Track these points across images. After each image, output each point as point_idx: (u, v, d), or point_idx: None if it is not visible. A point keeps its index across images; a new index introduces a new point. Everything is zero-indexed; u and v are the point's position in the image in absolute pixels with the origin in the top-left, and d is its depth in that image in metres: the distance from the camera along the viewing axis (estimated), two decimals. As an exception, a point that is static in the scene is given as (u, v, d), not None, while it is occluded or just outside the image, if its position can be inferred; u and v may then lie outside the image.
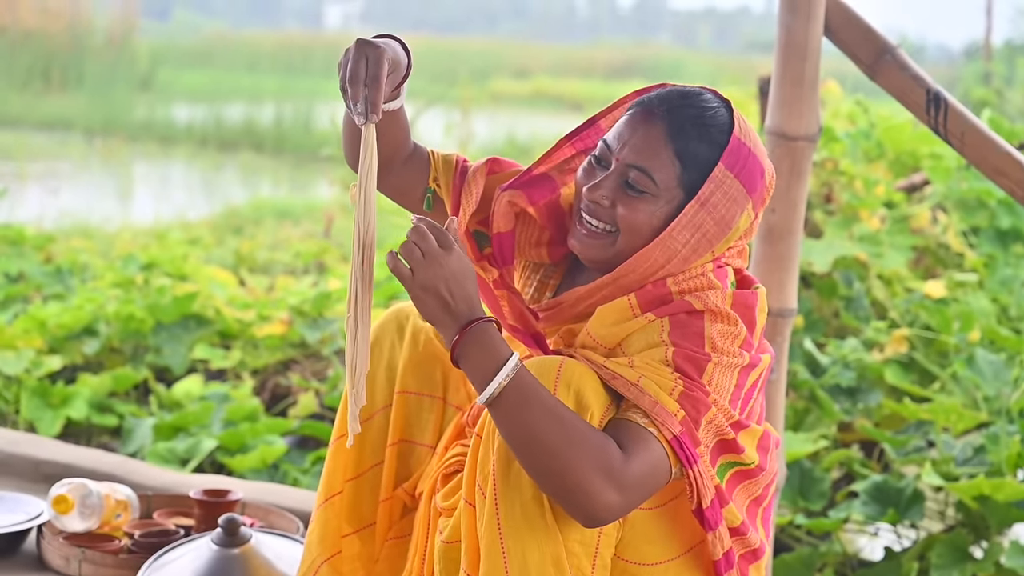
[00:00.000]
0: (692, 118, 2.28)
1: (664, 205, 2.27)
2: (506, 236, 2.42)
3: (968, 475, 4.05)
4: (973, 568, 3.79)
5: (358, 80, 2.15)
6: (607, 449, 2.11)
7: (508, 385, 2.12)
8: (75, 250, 7.66)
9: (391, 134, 2.39)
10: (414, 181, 2.48)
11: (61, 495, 3.25)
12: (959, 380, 4.69)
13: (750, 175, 2.29)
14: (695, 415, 2.16)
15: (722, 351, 2.21)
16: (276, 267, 7.98)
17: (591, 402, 2.15)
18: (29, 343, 5.49)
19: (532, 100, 21.52)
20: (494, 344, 2.15)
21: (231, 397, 5.05)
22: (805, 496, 4.18)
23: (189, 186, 13.59)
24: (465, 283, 2.17)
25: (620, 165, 2.28)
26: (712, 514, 2.21)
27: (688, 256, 2.27)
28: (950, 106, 3.12)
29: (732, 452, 2.26)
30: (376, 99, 2.15)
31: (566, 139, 2.44)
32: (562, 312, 2.36)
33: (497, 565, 2.15)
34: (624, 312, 2.26)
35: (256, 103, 17.48)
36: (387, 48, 2.18)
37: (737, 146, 2.28)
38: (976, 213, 5.73)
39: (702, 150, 2.27)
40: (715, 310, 2.23)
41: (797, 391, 4.67)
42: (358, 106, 2.15)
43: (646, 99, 2.33)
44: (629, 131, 2.30)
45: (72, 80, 18.75)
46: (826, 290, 5.22)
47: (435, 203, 2.48)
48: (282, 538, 3.13)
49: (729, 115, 2.31)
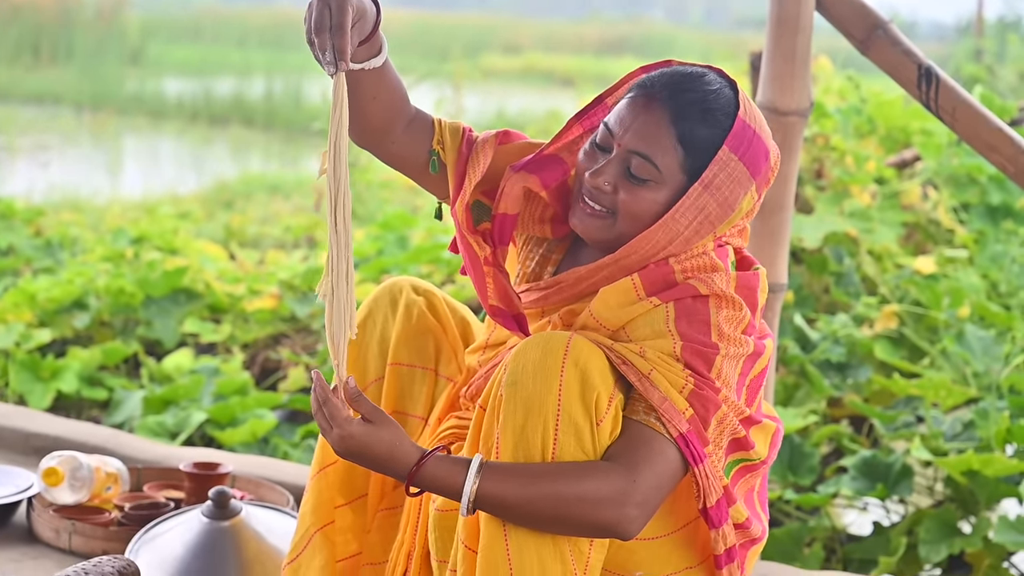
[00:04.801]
0: (695, 102, 2.25)
1: (666, 191, 2.26)
2: (510, 219, 2.40)
3: (957, 450, 4.06)
4: (961, 543, 3.80)
5: (323, 28, 2.11)
6: (608, 479, 2.12)
7: (479, 489, 2.14)
8: (65, 224, 7.65)
9: (384, 95, 2.35)
10: (418, 146, 2.43)
11: (51, 468, 3.25)
12: (949, 356, 4.70)
13: (754, 157, 2.27)
14: (704, 414, 2.17)
15: (729, 340, 2.21)
16: (266, 241, 7.97)
17: (596, 383, 2.15)
18: (19, 316, 5.49)
19: (523, 75, 21.45)
20: (444, 468, 2.17)
21: (221, 371, 5.05)
22: (794, 471, 4.19)
23: (179, 160, 13.56)
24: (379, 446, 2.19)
25: (622, 151, 2.27)
26: (717, 513, 2.22)
27: (690, 237, 2.26)
28: (942, 81, 3.12)
29: (742, 449, 2.27)
30: (343, 46, 2.11)
31: (575, 119, 2.42)
32: (562, 291, 2.35)
33: (497, 535, 2.16)
34: (628, 294, 2.26)
35: (246, 78, 17.42)
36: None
37: (742, 128, 2.26)
38: (967, 189, 5.73)
39: (705, 134, 2.25)
40: (720, 294, 2.23)
41: (787, 366, 4.68)
42: (326, 55, 2.12)
43: (648, 82, 2.30)
44: (631, 116, 2.27)
45: (62, 54, 18.68)
46: (816, 266, 5.22)
47: (440, 167, 2.43)
48: (272, 511, 3.14)
49: (734, 96, 2.29)
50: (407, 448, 2.20)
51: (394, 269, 5.82)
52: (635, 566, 2.27)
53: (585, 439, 2.14)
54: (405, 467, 2.19)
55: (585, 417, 2.14)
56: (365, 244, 6.28)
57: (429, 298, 2.60)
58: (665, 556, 2.28)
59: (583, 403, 2.14)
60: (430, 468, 2.18)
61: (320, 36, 2.11)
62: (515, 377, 2.16)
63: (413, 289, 2.59)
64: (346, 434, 2.19)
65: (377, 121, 2.37)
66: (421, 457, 2.18)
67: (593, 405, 2.14)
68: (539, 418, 2.14)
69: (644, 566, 2.27)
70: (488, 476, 2.14)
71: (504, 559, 2.15)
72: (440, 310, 2.60)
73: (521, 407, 2.15)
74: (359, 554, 2.56)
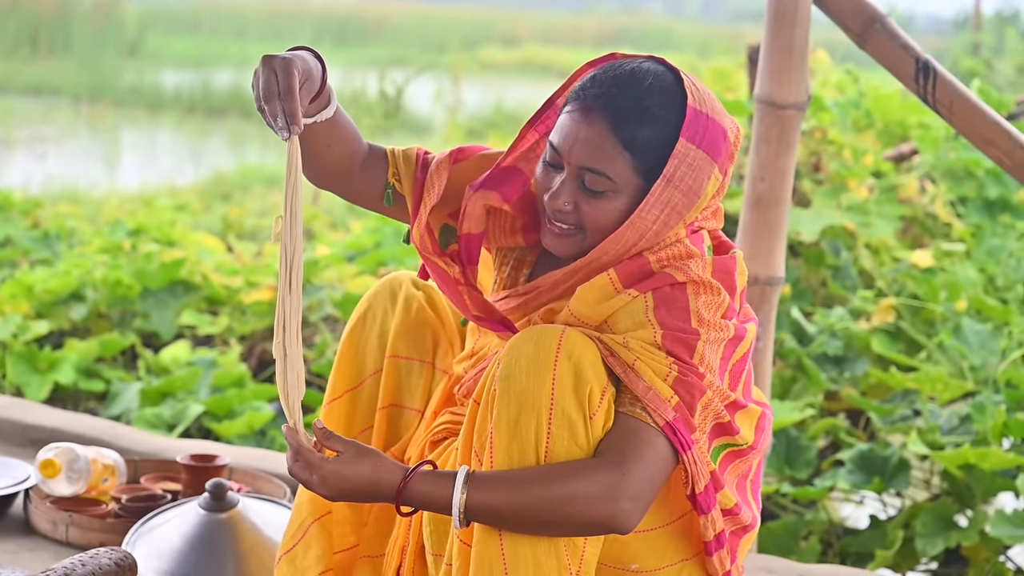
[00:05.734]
0: (631, 106, 2.23)
1: (625, 196, 2.25)
2: (475, 238, 2.40)
3: (954, 444, 4.06)
4: (958, 537, 3.81)
5: (272, 95, 2.11)
6: (597, 475, 2.12)
7: (468, 501, 2.14)
8: (62, 215, 7.64)
9: (338, 142, 2.36)
10: (375, 182, 2.44)
11: (48, 459, 3.25)
12: (945, 349, 4.70)
13: (712, 141, 2.26)
14: (690, 400, 2.16)
15: (709, 325, 2.21)
16: (263, 234, 7.96)
17: (590, 377, 2.15)
18: (16, 308, 5.48)
19: (521, 68, 21.44)
20: (430, 484, 2.18)
21: (218, 363, 5.05)
22: (791, 465, 4.19)
23: (177, 152, 13.54)
24: (361, 475, 2.20)
25: (572, 168, 2.25)
26: (705, 499, 2.22)
27: (660, 230, 2.26)
28: (939, 75, 3.12)
29: (727, 434, 2.27)
30: (294, 109, 2.12)
31: (528, 126, 2.40)
32: (540, 296, 2.35)
33: (491, 531, 2.16)
34: (605, 289, 2.26)
35: (244, 70, 17.39)
36: (295, 59, 2.16)
37: (695, 116, 2.24)
38: (964, 183, 5.74)
39: (649, 135, 2.22)
40: (697, 280, 2.23)
41: (784, 360, 4.68)
42: (278, 121, 2.13)
43: (582, 93, 2.27)
44: (572, 131, 2.25)
45: (60, 45, 18.66)
46: (814, 259, 5.22)
47: (395, 199, 2.44)
48: (269, 503, 3.14)
49: (677, 85, 2.26)
50: (390, 469, 2.20)
51: (391, 262, 5.82)
52: (630, 559, 2.27)
53: (578, 433, 2.14)
54: (391, 488, 2.19)
55: (578, 411, 2.14)
56: (363, 237, 6.28)
57: (428, 292, 2.61)
58: (661, 548, 2.28)
59: (576, 397, 2.14)
60: (416, 485, 2.18)
61: (270, 103, 2.12)
62: (508, 372, 2.16)
63: (412, 283, 2.61)
64: (326, 474, 2.20)
65: (334, 166, 2.39)
66: (405, 475, 2.19)
67: (586, 399, 2.14)
68: (532, 412, 2.14)
69: (640, 559, 2.27)
70: (476, 487, 2.14)
71: (499, 555, 2.15)
72: (439, 304, 2.61)
73: (515, 401, 2.14)
74: (356, 546, 2.56)
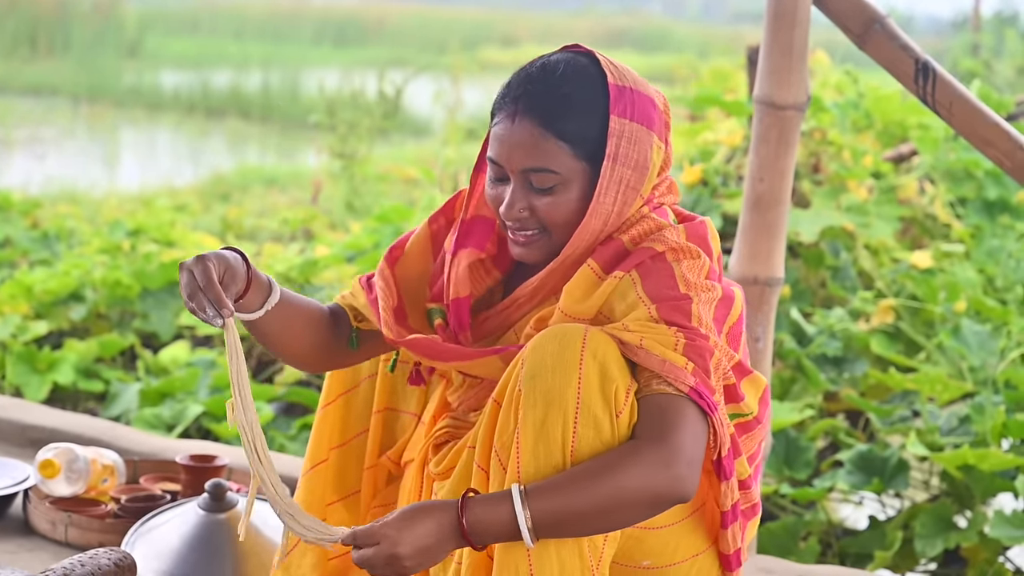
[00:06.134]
0: (553, 100, 2.26)
1: (576, 185, 2.26)
2: (463, 301, 2.40)
3: (953, 445, 4.06)
4: (957, 538, 3.81)
5: (195, 291, 2.20)
6: (643, 454, 2.10)
7: (534, 515, 2.10)
8: (62, 216, 7.64)
9: (296, 324, 2.42)
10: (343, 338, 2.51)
11: (48, 460, 3.25)
12: (945, 350, 4.70)
13: (643, 111, 2.29)
14: (703, 364, 2.16)
15: (696, 287, 2.22)
16: (263, 234, 7.96)
17: (615, 375, 2.14)
18: (15, 308, 5.48)
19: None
20: (482, 509, 2.13)
21: (217, 363, 5.05)
22: (790, 465, 4.19)
23: (176, 153, 13.55)
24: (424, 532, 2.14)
25: (516, 174, 2.27)
26: (729, 463, 2.23)
27: (621, 210, 2.28)
28: (939, 76, 3.12)
29: (732, 401, 2.28)
30: (216, 295, 2.19)
31: (474, 173, 2.43)
32: (520, 307, 2.36)
33: None
34: (590, 280, 2.26)
35: (243, 70, 17.41)
36: (209, 256, 2.23)
37: (618, 92, 2.27)
38: (963, 184, 5.74)
39: (580, 119, 2.25)
40: (675, 247, 2.24)
41: (783, 360, 4.68)
42: (208, 311, 2.21)
43: (501, 103, 2.30)
44: (506, 140, 2.27)
45: (59, 46, 18.68)
46: (813, 260, 5.23)
47: (360, 340, 2.50)
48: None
49: (594, 66, 2.29)
50: (434, 513, 2.14)
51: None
52: (643, 556, 2.27)
53: (604, 431, 2.13)
54: (453, 527, 2.13)
55: (604, 409, 2.14)
56: (362, 237, 6.28)
57: None
58: (674, 544, 2.28)
59: (603, 395, 2.14)
60: (473, 516, 2.12)
61: (195, 298, 2.21)
62: (534, 371, 2.15)
63: None
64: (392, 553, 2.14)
65: (304, 346, 2.45)
66: (457, 510, 2.13)
67: (612, 397, 2.14)
68: (559, 411, 2.13)
69: (653, 555, 2.27)
70: (536, 500, 2.11)
71: (524, 557, 2.13)
72: None
73: (541, 400, 2.14)
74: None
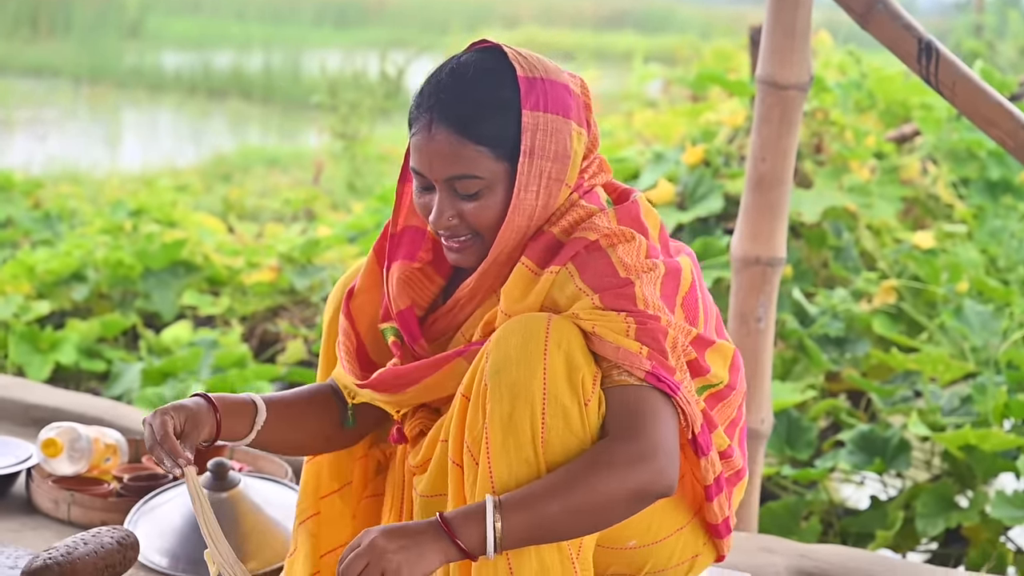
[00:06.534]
0: (463, 106, 2.22)
1: (500, 186, 2.23)
2: (407, 312, 2.38)
3: (954, 425, 4.07)
4: (958, 517, 3.81)
5: (153, 444, 2.28)
6: (617, 449, 2.09)
7: (511, 527, 2.09)
8: (64, 196, 7.64)
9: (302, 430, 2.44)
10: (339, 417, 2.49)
11: (50, 439, 3.25)
12: (947, 331, 4.70)
13: (558, 100, 2.24)
14: (659, 346, 2.15)
15: (636, 269, 2.19)
16: (265, 214, 7.97)
17: (581, 363, 2.13)
18: (18, 288, 5.49)
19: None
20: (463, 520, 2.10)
21: (220, 343, 5.06)
22: (792, 445, 4.20)
23: (178, 133, 13.54)
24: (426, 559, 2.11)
25: (440, 183, 2.24)
26: (704, 439, 2.22)
27: (547, 202, 2.25)
28: (941, 56, 3.11)
29: (699, 375, 2.26)
30: (171, 448, 2.26)
31: (400, 184, 2.41)
32: (463, 308, 2.34)
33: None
34: (525, 278, 2.24)
35: (245, 51, 17.38)
36: (168, 409, 2.29)
37: (529, 85, 2.23)
38: (966, 164, 5.73)
39: (496, 121, 2.22)
40: (608, 233, 2.21)
41: (785, 341, 4.68)
42: (166, 463, 2.28)
43: (416, 111, 2.27)
44: (425, 151, 2.24)
45: (60, 26, 18.64)
46: (815, 240, 5.22)
47: (357, 414, 2.47)
48: (270, 482, 3.14)
49: (501, 61, 2.25)
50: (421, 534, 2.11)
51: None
52: (628, 537, 2.27)
53: (573, 421, 2.12)
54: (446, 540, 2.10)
55: (572, 399, 2.12)
56: (364, 217, 6.28)
57: None
58: (658, 521, 2.27)
59: (570, 385, 2.13)
60: (459, 532, 2.09)
61: (154, 451, 2.29)
62: (499, 365, 2.14)
63: None
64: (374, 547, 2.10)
65: (317, 439, 2.47)
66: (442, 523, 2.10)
67: (580, 385, 2.13)
68: (526, 404, 2.12)
69: (637, 535, 2.27)
70: (511, 511, 2.09)
71: (502, 555, 2.13)
72: None
73: (507, 394, 2.13)
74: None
